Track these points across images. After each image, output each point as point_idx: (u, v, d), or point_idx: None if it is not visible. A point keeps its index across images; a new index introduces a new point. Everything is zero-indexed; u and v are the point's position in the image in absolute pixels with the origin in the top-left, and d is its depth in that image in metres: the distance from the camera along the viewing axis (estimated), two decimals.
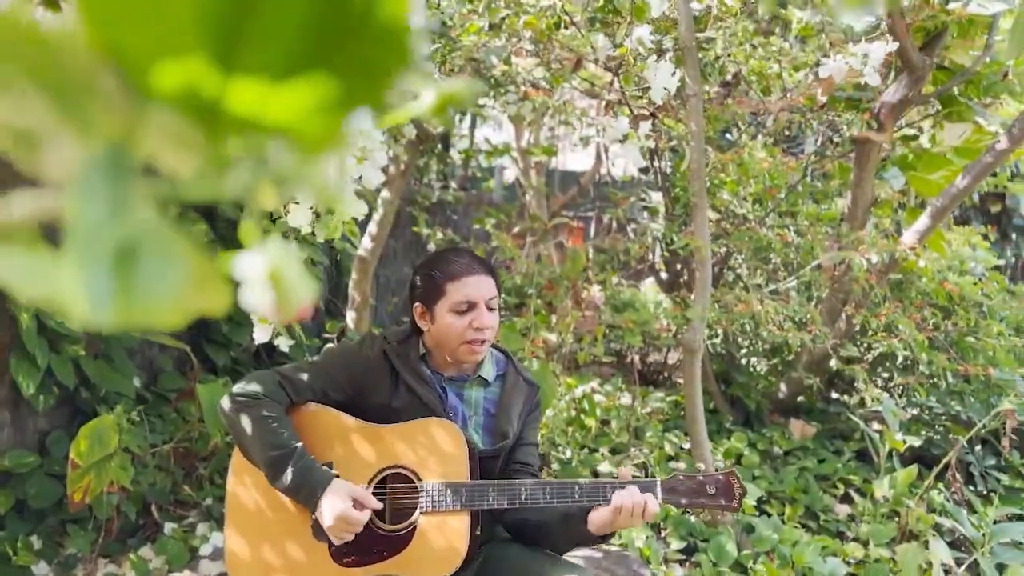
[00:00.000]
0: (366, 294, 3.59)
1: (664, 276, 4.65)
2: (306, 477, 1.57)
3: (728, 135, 4.31)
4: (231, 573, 1.69)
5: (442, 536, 1.65)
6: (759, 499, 3.24)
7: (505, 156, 5.66)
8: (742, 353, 4.54)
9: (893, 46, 2.61)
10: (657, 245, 4.32)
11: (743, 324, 3.91)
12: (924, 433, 3.58)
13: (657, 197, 4.47)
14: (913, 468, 3.07)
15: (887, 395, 3.24)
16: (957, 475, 3.01)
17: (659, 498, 1.67)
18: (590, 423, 3.80)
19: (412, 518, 1.66)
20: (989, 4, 2.68)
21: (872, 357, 3.88)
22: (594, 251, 4.21)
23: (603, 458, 3.53)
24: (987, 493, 3.41)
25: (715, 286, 3.63)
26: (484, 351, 1.76)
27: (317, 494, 1.56)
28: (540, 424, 2.53)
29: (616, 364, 4.93)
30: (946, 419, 3.64)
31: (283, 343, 2.81)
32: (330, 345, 3.40)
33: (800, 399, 4.21)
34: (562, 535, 1.71)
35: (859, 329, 3.64)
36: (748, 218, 3.82)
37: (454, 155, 6.60)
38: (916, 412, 3.68)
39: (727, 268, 4.39)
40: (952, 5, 2.76)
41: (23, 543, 2.42)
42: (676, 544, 2.92)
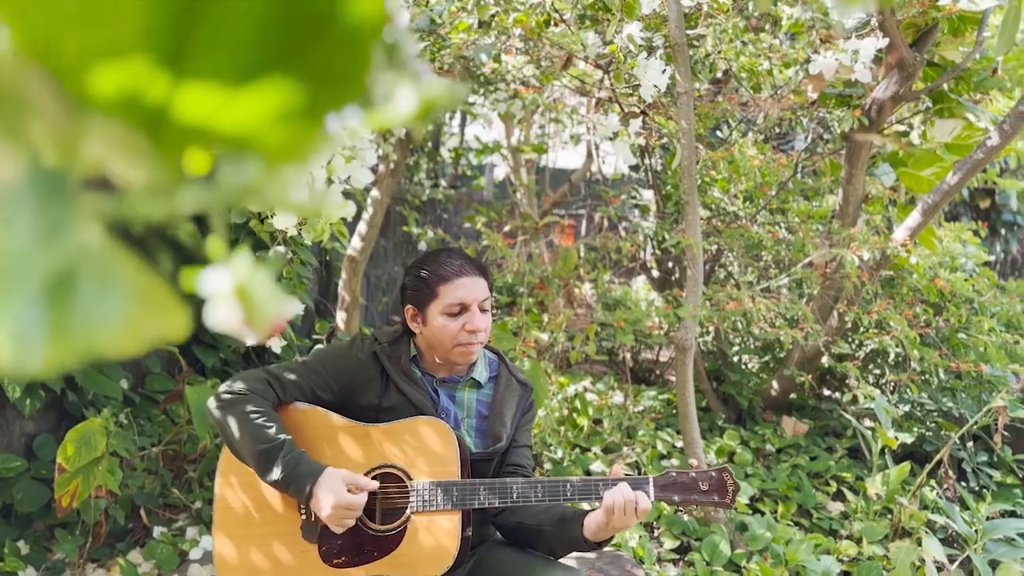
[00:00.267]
0: (356, 294, 3.57)
1: (655, 274, 4.65)
2: (296, 469, 1.55)
3: (718, 132, 4.31)
4: None
5: (433, 536, 1.64)
6: (752, 497, 3.23)
7: (495, 154, 5.65)
8: (734, 351, 4.54)
9: (883, 42, 2.61)
10: (648, 243, 4.31)
11: (735, 322, 3.91)
12: (916, 430, 3.58)
13: (648, 195, 4.47)
14: (905, 465, 3.07)
15: (879, 392, 3.24)
16: (950, 472, 3.01)
17: (652, 495, 1.66)
18: (582, 422, 3.79)
19: (403, 518, 1.65)
20: (979, 0, 2.68)
21: (864, 354, 3.88)
22: (585, 249, 4.20)
23: (595, 457, 3.52)
24: (979, 489, 3.42)
25: (706, 284, 3.62)
26: (477, 353, 1.75)
27: (308, 485, 1.54)
28: (533, 425, 2.52)
29: (608, 362, 4.93)
30: (938, 416, 3.65)
31: (274, 344, 2.78)
32: (320, 345, 3.38)
33: (792, 396, 4.21)
34: (558, 539, 1.70)
35: (851, 326, 3.64)
36: (739, 216, 3.82)
37: (444, 153, 6.58)
38: (908, 409, 3.68)
39: (718, 266, 4.38)
40: (942, 1, 2.76)
41: (10, 548, 2.39)
42: (669, 543, 2.91)
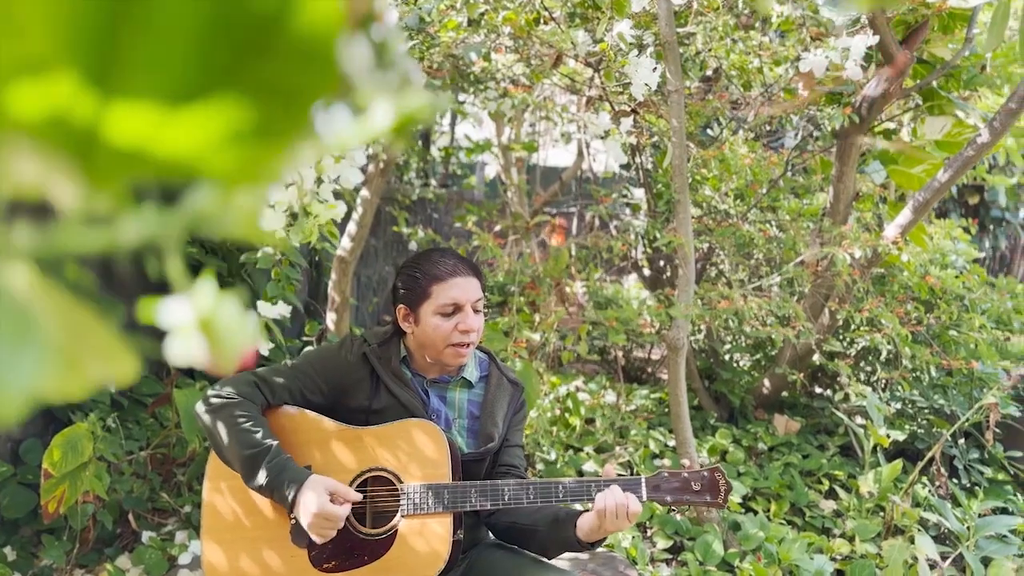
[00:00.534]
0: (346, 295, 3.55)
1: (647, 273, 4.64)
2: (280, 475, 1.52)
3: (709, 130, 4.30)
4: None
5: (423, 540, 1.62)
6: (744, 496, 3.23)
7: (486, 152, 5.63)
8: (725, 349, 4.53)
9: (874, 40, 2.60)
10: (640, 241, 4.30)
11: (726, 320, 3.90)
12: (908, 427, 3.58)
13: (639, 193, 4.45)
14: (898, 463, 3.07)
15: (871, 390, 3.24)
16: (942, 469, 3.01)
17: (644, 496, 1.65)
18: (574, 422, 3.78)
19: (393, 521, 1.63)
20: None
21: (855, 352, 3.88)
22: (576, 248, 4.18)
23: (588, 457, 3.51)
24: (971, 486, 3.43)
25: (698, 282, 3.61)
26: (470, 354, 1.74)
27: (292, 491, 1.51)
28: (525, 425, 2.51)
29: (599, 361, 4.91)
30: (929, 413, 3.65)
31: (262, 346, 2.76)
32: (309, 347, 3.36)
33: (784, 394, 4.20)
34: (551, 539, 1.69)
35: (842, 324, 3.64)
36: (730, 214, 3.81)
37: (434, 152, 6.55)
38: (899, 406, 3.69)
39: (710, 264, 4.38)
40: None
41: None
42: (662, 543, 2.90)
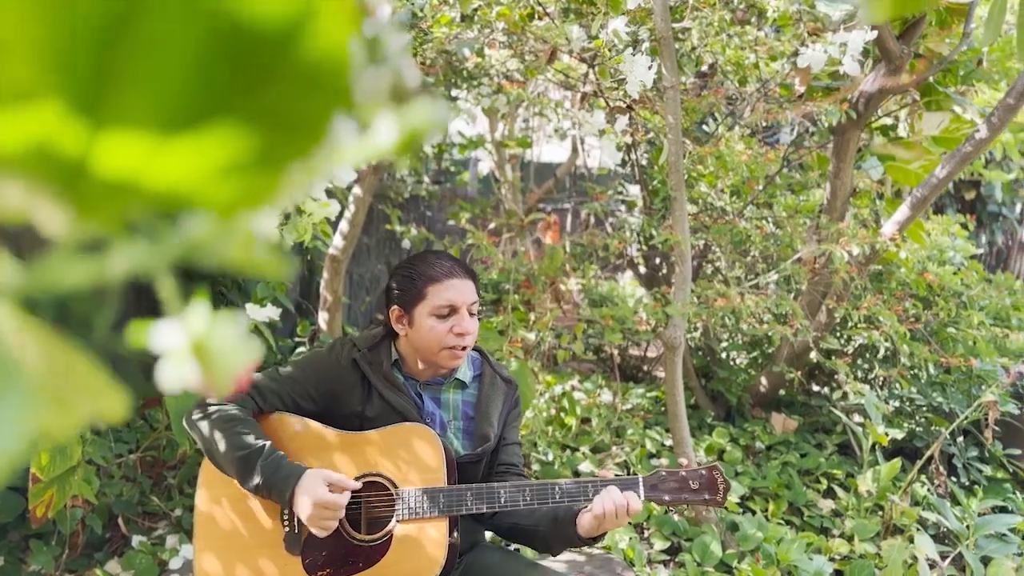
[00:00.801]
0: (338, 294, 3.51)
1: (643, 270, 4.61)
2: (276, 472, 1.51)
3: (704, 127, 4.27)
4: None
5: (419, 544, 1.60)
6: (742, 496, 3.20)
7: (479, 148, 5.58)
8: (722, 347, 4.51)
9: (871, 34, 2.58)
10: (635, 239, 4.27)
11: (723, 318, 3.87)
12: (906, 425, 3.56)
13: (635, 190, 4.42)
14: (896, 461, 3.05)
15: (868, 387, 3.22)
16: (940, 467, 2.99)
17: (642, 495, 1.63)
18: (570, 422, 3.75)
19: (388, 527, 1.61)
20: None
21: (853, 349, 3.86)
22: (571, 246, 4.15)
23: (584, 457, 3.48)
24: (970, 485, 3.41)
25: (694, 280, 3.58)
26: (464, 357, 1.71)
27: (289, 487, 1.50)
28: (521, 422, 2.48)
29: (595, 360, 4.89)
30: (928, 411, 3.63)
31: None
32: (299, 351, 3.32)
33: (781, 393, 4.18)
34: (554, 537, 1.67)
35: (840, 321, 3.62)
36: (727, 211, 3.78)
37: (427, 148, 6.50)
38: (898, 404, 3.67)
39: (706, 262, 4.35)
40: None
41: None
42: (660, 544, 2.87)
